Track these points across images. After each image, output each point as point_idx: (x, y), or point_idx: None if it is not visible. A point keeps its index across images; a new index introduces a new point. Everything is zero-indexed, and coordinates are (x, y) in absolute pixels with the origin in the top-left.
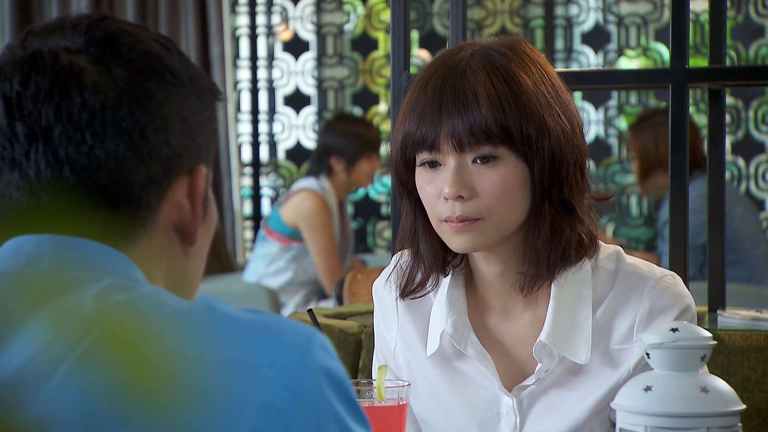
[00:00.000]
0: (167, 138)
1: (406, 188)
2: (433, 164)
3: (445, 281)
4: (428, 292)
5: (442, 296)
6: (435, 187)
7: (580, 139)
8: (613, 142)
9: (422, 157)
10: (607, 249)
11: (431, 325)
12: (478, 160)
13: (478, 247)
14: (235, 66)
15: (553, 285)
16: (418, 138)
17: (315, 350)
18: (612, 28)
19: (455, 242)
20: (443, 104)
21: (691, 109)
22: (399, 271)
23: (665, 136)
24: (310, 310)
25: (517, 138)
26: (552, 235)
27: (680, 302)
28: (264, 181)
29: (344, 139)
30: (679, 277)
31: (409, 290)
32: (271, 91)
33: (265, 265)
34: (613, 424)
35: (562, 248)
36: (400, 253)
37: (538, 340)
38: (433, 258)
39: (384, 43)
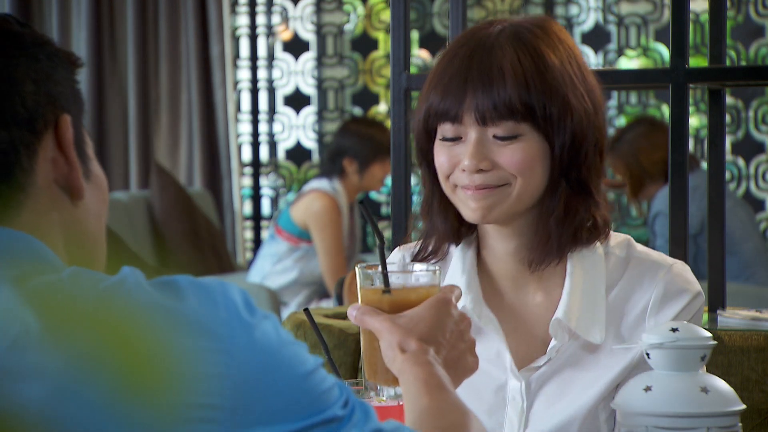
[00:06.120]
0: (22, 100)
1: (425, 157)
2: (454, 140)
3: (455, 259)
4: (439, 260)
5: (455, 274)
6: (452, 157)
7: (602, 121)
8: None
9: (444, 130)
10: (618, 237)
11: None
12: (500, 139)
13: (491, 217)
14: (235, 66)
15: (568, 265)
16: (441, 109)
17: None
18: (612, 28)
19: (469, 208)
20: (469, 78)
21: (691, 109)
22: (401, 263)
23: (643, 148)
24: (306, 309)
25: (539, 116)
26: (565, 214)
27: (692, 287)
28: (264, 181)
29: (358, 142)
30: (687, 266)
31: (420, 258)
32: (271, 91)
33: (272, 264)
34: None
35: (574, 228)
36: (399, 247)
37: (554, 318)
38: (447, 229)
39: (384, 43)
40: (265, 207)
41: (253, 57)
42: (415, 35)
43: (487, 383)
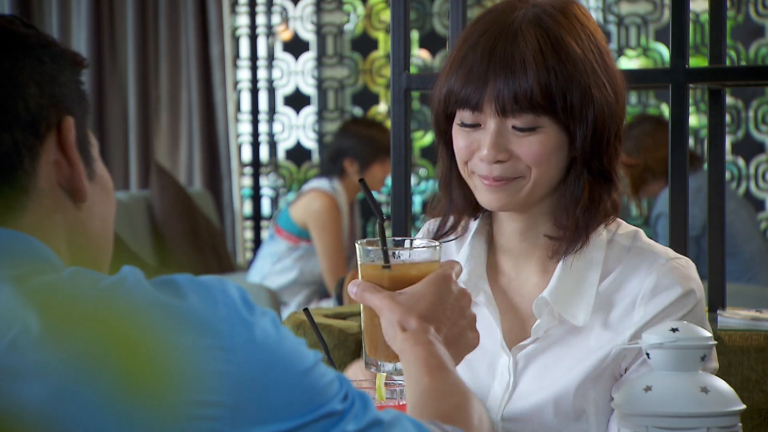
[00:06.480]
0: (25, 103)
1: (444, 137)
2: (473, 127)
3: (471, 233)
4: (459, 236)
5: (465, 248)
6: (471, 143)
7: (622, 108)
8: None
9: (463, 116)
10: (628, 227)
11: None
12: (518, 130)
13: (508, 207)
14: (235, 66)
15: None
16: (462, 97)
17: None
18: (612, 28)
19: (486, 198)
20: (491, 67)
21: (691, 109)
22: (427, 237)
23: (647, 146)
24: (306, 309)
25: (560, 107)
26: (591, 202)
27: (686, 283)
28: (264, 181)
29: (359, 142)
30: (693, 264)
31: (441, 233)
32: (271, 91)
33: (271, 263)
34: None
35: (600, 215)
36: (429, 221)
37: (539, 296)
38: (465, 204)
39: (384, 43)
40: (265, 207)
41: (253, 57)
42: (415, 35)
43: (480, 356)
